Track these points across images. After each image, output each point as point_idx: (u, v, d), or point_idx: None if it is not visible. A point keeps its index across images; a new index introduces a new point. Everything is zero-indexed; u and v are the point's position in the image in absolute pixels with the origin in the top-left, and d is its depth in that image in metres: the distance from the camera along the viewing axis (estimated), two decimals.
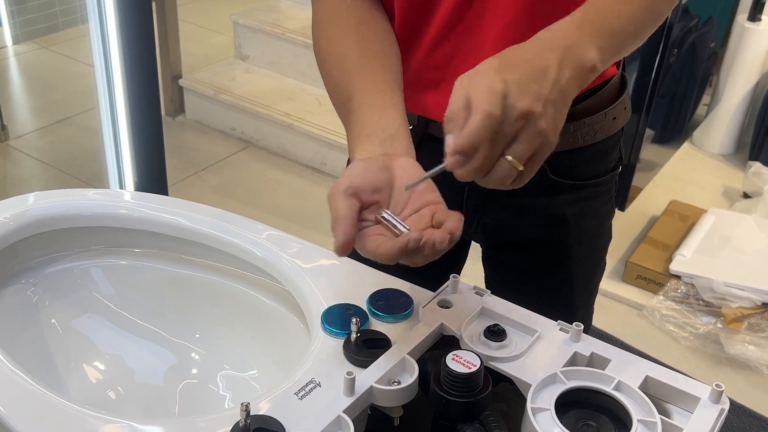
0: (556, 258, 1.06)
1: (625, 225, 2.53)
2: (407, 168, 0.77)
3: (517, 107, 0.66)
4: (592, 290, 1.13)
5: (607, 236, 1.11)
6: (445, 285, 0.86)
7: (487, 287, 1.08)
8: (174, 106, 3.10)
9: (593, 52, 0.73)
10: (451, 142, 0.68)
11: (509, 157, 0.68)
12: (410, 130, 0.99)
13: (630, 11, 0.78)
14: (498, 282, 1.11)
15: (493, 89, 0.66)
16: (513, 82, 0.67)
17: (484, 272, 1.13)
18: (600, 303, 1.17)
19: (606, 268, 1.14)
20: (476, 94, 0.67)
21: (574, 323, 0.79)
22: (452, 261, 1.15)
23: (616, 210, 2.55)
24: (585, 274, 1.09)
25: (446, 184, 1.01)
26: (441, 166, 0.69)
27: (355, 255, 1.10)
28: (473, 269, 1.20)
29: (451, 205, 1.03)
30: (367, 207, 0.73)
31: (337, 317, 0.82)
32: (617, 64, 1.00)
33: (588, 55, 0.73)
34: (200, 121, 3.10)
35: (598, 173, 1.02)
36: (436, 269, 1.13)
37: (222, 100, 2.98)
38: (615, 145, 1.03)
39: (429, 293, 0.86)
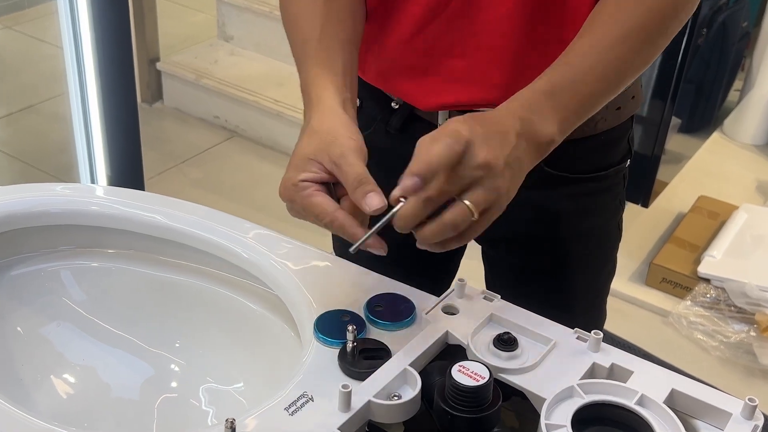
0: (552, 257, 1.07)
1: (648, 223, 2.53)
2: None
3: (479, 155, 0.73)
4: (596, 294, 1.13)
5: (615, 235, 1.11)
6: (450, 289, 0.86)
7: (487, 287, 1.09)
8: (151, 92, 3.10)
9: (551, 126, 0.79)
10: (408, 182, 0.73)
11: (467, 201, 0.73)
12: (395, 110, 1.01)
13: (604, 73, 0.82)
14: (494, 282, 1.12)
15: (459, 132, 0.73)
16: (478, 134, 0.73)
17: (484, 271, 1.14)
18: (621, 309, 1.17)
19: (628, 270, 1.14)
20: (441, 133, 0.73)
21: (593, 331, 0.79)
22: (448, 254, 1.16)
23: (640, 207, 2.56)
24: (586, 276, 1.10)
25: None
26: (389, 216, 0.74)
27: (351, 257, 1.10)
28: (478, 270, 1.20)
29: None
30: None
31: (332, 325, 0.82)
32: None
33: (545, 130, 0.79)
34: (180, 108, 3.10)
35: (601, 167, 1.03)
36: (434, 266, 1.14)
37: (204, 86, 2.98)
38: (622, 137, 1.04)
39: (432, 298, 0.86)
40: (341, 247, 1.18)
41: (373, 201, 0.75)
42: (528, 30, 0.91)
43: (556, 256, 1.07)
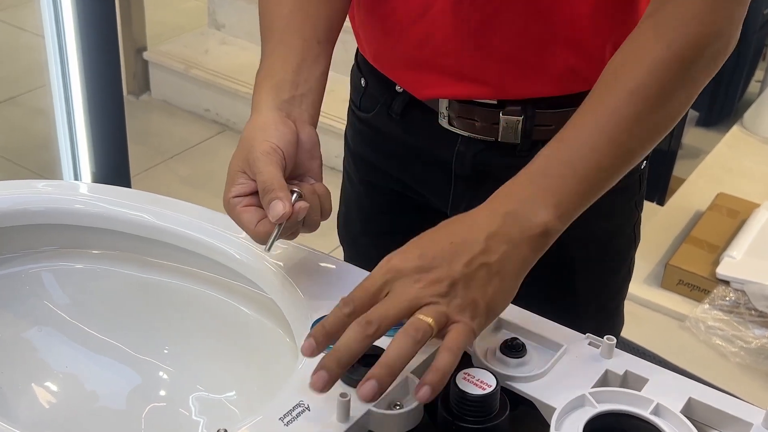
0: (558, 263, 1.06)
1: (664, 222, 2.53)
2: (307, 141, 0.85)
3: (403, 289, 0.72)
4: (606, 301, 1.13)
5: (629, 240, 1.10)
6: None
7: None
8: (137, 83, 3.11)
9: (543, 212, 0.77)
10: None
11: (421, 316, 0.71)
12: (398, 94, 1.02)
13: (606, 143, 0.78)
14: None
15: (397, 254, 0.73)
16: (411, 266, 0.73)
17: None
18: (636, 313, 1.17)
19: (643, 272, 1.14)
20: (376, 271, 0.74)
21: (605, 336, 0.79)
22: None
23: (655, 205, 2.56)
24: (593, 283, 1.09)
25: (432, 159, 1.03)
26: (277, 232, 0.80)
27: (350, 258, 1.10)
28: None
29: (437, 184, 1.06)
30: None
31: None
32: None
33: (536, 219, 0.76)
34: (168, 100, 3.10)
35: None
36: None
37: (194, 77, 2.98)
38: None
39: None
40: (344, 213, 1.20)
41: (275, 209, 0.78)
42: (522, 26, 0.91)
43: (558, 260, 1.06)
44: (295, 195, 0.81)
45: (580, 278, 1.08)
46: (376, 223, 1.16)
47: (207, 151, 2.89)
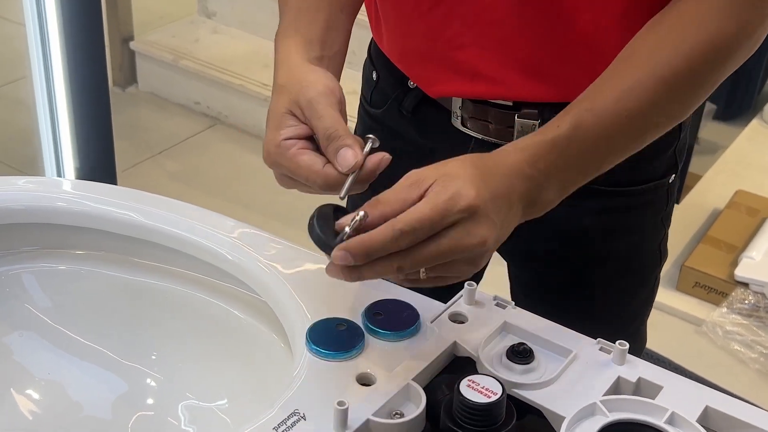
0: (575, 280, 1.06)
1: (680, 221, 2.52)
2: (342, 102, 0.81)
3: (478, 233, 0.72)
4: (627, 322, 1.12)
5: (653, 259, 1.09)
6: (458, 295, 0.86)
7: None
8: (124, 74, 3.10)
9: (554, 191, 0.79)
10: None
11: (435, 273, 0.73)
12: (411, 90, 1.01)
13: (630, 123, 0.79)
14: (521, 301, 1.12)
15: (461, 198, 0.71)
16: (485, 204, 0.72)
17: (510, 286, 1.14)
18: (650, 317, 1.17)
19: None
20: (441, 191, 0.71)
21: (617, 342, 0.79)
22: None
23: None
24: (611, 302, 1.09)
25: (443, 160, 1.02)
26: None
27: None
28: (492, 275, 1.21)
29: None
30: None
31: (326, 335, 0.82)
32: None
33: (547, 196, 0.79)
34: (156, 93, 3.10)
35: (636, 180, 1.01)
36: None
37: (183, 68, 2.98)
38: (665, 148, 1.01)
39: (439, 305, 0.86)
40: (350, 208, 1.18)
41: (346, 158, 0.74)
42: (543, 30, 0.90)
43: (577, 278, 1.06)
44: (369, 142, 0.76)
45: (599, 300, 1.08)
46: None
47: (197, 146, 2.89)
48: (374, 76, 1.07)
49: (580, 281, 1.06)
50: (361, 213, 0.71)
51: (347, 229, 0.71)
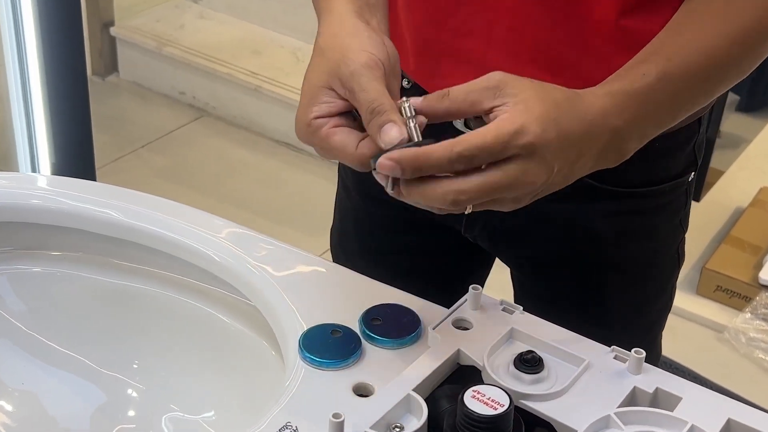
0: (587, 288, 1.06)
1: (700, 220, 2.53)
2: (392, 55, 0.79)
3: (531, 175, 0.72)
4: (644, 331, 1.12)
5: (671, 264, 1.09)
6: (462, 299, 0.86)
7: None
8: (104, 62, 3.10)
9: (635, 143, 0.80)
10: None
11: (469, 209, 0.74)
12: (405, 90, 1.00)
13: (704, 78, 0.82)
14: (525, 309, 1.12)
15: (526, 132, 0.71)
16: (548, 147, 0.72)
17: (513, 292, 1.14)
18: (668, 323, 1.17)
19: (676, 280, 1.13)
20: (509, 118, 0.71)
21: (633, 350, 0.79)
22: (469, 271, 1.15)
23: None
24: (630, 312, 1.09)
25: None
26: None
27: (344, 260, 1.10)
28: (497, 279, 1.21)
29: None
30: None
31: (321, 342, 0.82)
32: None
33: (627, 150, 0.80)
34: (139, 82, 3.10)
35: (654, 180, 1.00)
36: (447, 280, 1.14)
37: (167, 55, 2.97)
38: (684, 144, 1.01)
39: (441, 310, 0.86)
40: (338, 229, 1.19)
41: (390, 134, 0.73)
42: (543, 10, 0.89)
43: (589, 286, 1.06)
44: (406, 109, 0.75)
45: (614, 309, 1.07)
46: (377, 242, 1.14)
47: (183, 140, 2.89)
48: None
49: (592, 290, 1.06)
50: (406, 104, 0.73)
51: (411, 124, 0.73)
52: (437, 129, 1.02)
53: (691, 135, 1.01)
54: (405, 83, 1.01)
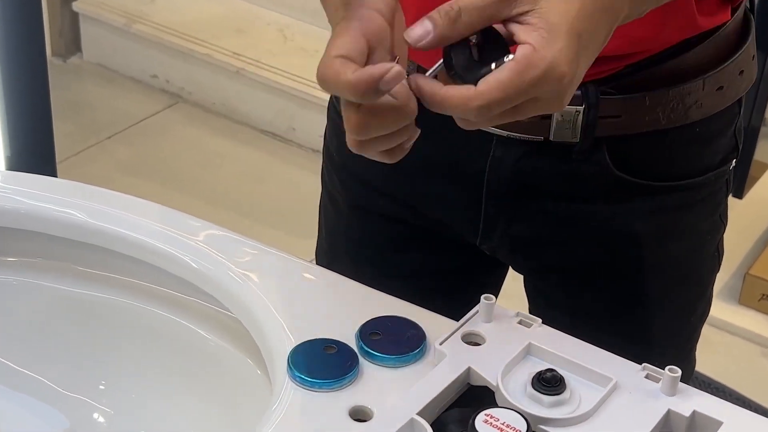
0: (624, 297, 1.06)
1: (743, 220, 2.53)
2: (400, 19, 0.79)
3: (558, 72, 0.71)
4: (684, 341, 1.13)
5: (711, 263, 1.10)
6: (473, 311, 0.86)
7: None
8: (65, 42, 3.10)
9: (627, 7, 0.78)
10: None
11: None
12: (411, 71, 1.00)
13: None
14: (544, 323, 1.12)
15: (556, 71, 0.71)
16: (579, 66, 0.73)
17: (528, 304, 1.14)
18: (707, 336, 1.17)
19: (716, 284, 1.13)
20: (539, 59, 0.71)
21: (667, 368, 0.79)
22: (481, 281, 1.15)
23: (731, 197, 2.55)
24: (668, 322, 1.09)
25: (455, 171, 1.01)
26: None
27: (338, 265, 1.09)
28: (513, 287, 1.21)
29: (462, 206, 1.04)
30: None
31: (312, 359, 0.82)
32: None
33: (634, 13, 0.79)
34: (104, 64, 3.10)
35: (694, 171, 1.01)
36: (457, 291, 1.13)
37: (137, 33, 2.98)
38: (724, 129, 1.01)
39: (449, 323, 0.86)
40: (327, 250, 1.18)
41: (415, 30, 0.72)
42: None
43: (627, 296, 1.06)
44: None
45: (655, 319, 1.07)
46: (372, 262, 1.12)
47: (155, 129, 2.89)
48: None
49: (629, 299, 1.06)
50: (512, 56, 0.71)
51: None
52: (446, 136, 1.01)
53: (732, 117, 1.02)
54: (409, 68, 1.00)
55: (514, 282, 1.19)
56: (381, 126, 0.74)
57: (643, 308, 1.06)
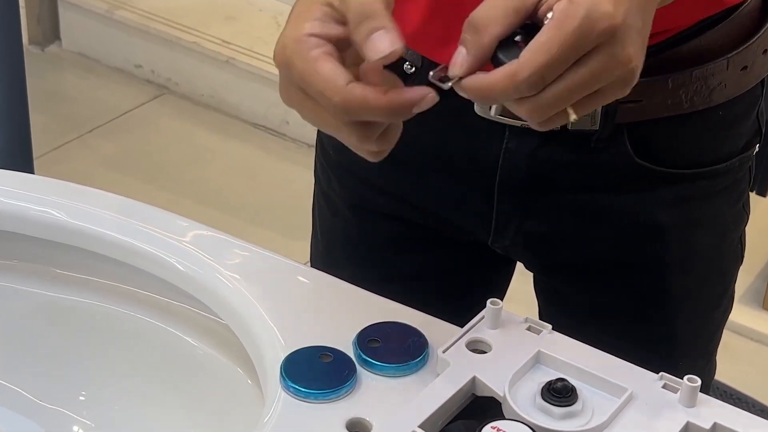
0: (646, 293, 1.06)
1: (766, 219, 2.53)
2: None
3: (623, 51, 0.70)
4: (707, 341, 1.13)
5: (735, 255, 1.10)
6: (479, 316, 0.86)
7: None
8: (43, 29, 3.10)
9: None
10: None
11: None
12: (409, 75, 0.99)
13: None
14: (556, 324, 1.11)
15: (602, 12, 0.69)
16: (625, 10, 0.70)
17: (538, 306, 1.14)
18: (729, 344, 1.17)
19: (738, 287, 1.14)
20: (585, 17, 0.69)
21: (686, 377, 0.79)
22: (488, 284, 1.15)
23: (754, 195, 2.55)
24: (695, 318, 1.09)
25: (464, 166, 1.01)
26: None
27: (334, 268, 1.09)
28: (520, 290, 1.21)
29: (472, 203, 1.04)
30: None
31: (307, 368, 0.82)
32: None
33: None
34: (85, 53, 3.10)
35: (718, 156, 1.01)
36: (462, 293, 1.13)
37: (120, 20, 2.97)
38: (748, 111, 1.02)
39: (453, 329, 0.86)
40: (323, 253, 1.18)
41: (380, 43, 0.71)
42: None
43: (647, 292, 1.06)
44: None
45: (679, 317, 1.08)
46: (373, 264, 1.12)
47: (139, 122, 2.89)
48: None
49: (653, 297, 1.06)
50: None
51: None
52: (455, 127, 1.00)
53: (755, 99, 1.03)
54: (407, 66, 1.00)
55: (521, 285, 1.19)
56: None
57: (666, 304, 1.07)
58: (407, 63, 0.99)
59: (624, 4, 0.70)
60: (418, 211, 1.07)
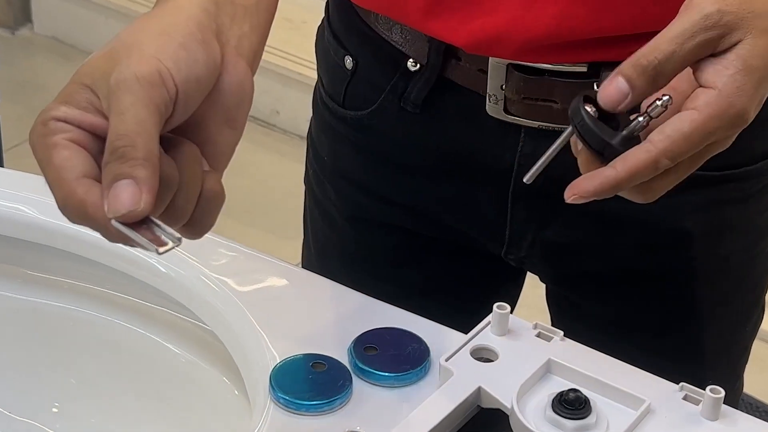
0: (672, 305, 1.06)
1: None
2: (235, 87, 0.75)
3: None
4: (737, 355, 1.13)
5: (766, 266, 1.10)
6: (485, 322, 0.86)
7: None
8: (13, 11, 3.10)
9: None
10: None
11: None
12: (414, 73, 0.99)
13: None
14: (572, 338, 1.11)
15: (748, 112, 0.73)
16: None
17: (551, 318, 1.14)
18: (754, 352, 1.17)
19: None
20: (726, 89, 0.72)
21: (708, 388, 0.79)
22: (496, 297, 1.15)
23: None
24: (724, 331, 1.09)
25: (476, 172, 1.01)
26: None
27: (327, 268, 1.09)
28: (531, 295, 1.21)
29: (484, 212, 1.04)
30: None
31: (298, 378, 0.82)
32: None
33: None
34: (59, 37, 3.10)
35: (749, 157, 1.01)
36: (469, 303, 1.13)
37: (98, 1, 2.98)
38: None
39: (457, 336, 0.86)
40: (316, 255, 1.18)
41: (122, 196, 0.64)
42: None
43: (675, 304, 1.06)
44: (660, 102, 0.76)
45: (710, 327, 1.08)
46: (373, 276, 1.10)
47: None
48: (347, 62, 1.03)
49: (678, 308, 1.06)
50: (666, 97, 0.74)
51: (641, 119, 0.74)
52: (465, 129, 1.00)
53: None
54: (411, 63, 0.99)
55: (531, 289, 1.19)
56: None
57: (694, 317, 1.07)
58: (411, 60, 0.99)
59: (755, 101, 0.73)
60: (423, 221, 1.07)
